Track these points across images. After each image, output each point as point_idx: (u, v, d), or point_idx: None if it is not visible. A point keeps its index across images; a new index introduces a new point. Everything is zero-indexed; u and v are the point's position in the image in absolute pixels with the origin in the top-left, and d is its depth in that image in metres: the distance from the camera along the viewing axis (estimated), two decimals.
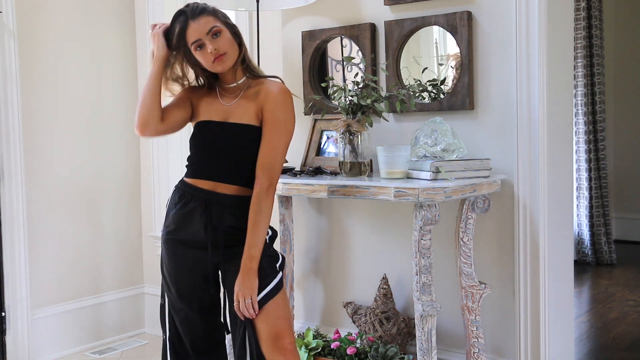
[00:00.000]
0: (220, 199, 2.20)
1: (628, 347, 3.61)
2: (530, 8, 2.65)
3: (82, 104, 3.73)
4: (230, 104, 2.26)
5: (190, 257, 2.25)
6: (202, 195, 2.21)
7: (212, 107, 2.27)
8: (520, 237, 2.72)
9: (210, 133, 2.23)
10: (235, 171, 2.22)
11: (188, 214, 2.22)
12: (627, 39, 6.33)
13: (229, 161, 2.22)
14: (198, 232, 2.22)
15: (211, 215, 2.19)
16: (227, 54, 2.19)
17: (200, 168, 2.24)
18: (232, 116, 2.23)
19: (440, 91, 2.93)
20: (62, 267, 3.66)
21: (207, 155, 2.23)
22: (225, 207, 2.21)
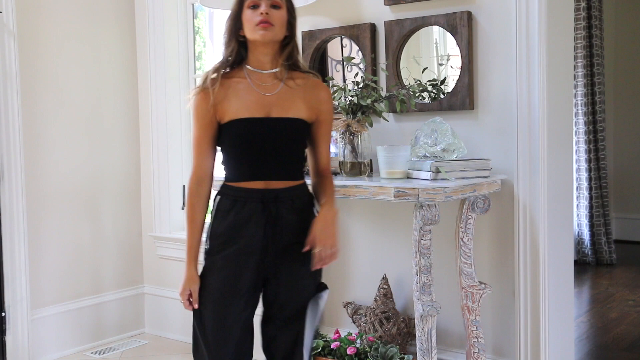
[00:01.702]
0: (277, 195, 2.05)
1: (628, 347, 3.61)
2: (530, 8, 2.65)
3: (82, 104, 3.73)
4: (270, 93, 2.05)
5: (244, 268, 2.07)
6: (257, 195, 2.04)
7: (247, 99, 2.04)
8: (520, 237, 2.72)
9: (255, 132, 2.03)
10: (287, 167, 2.09)
11: (245, 219, 2.04)
12: (627, 39, 6.33)
13: (280, 159, 2.06)
14: (254, 236, 2.04)
15: (270, 212, 2.04)
16: (274, 28, 2.00)
17: (249, 170, 2.05)
18: (274, 109, 2.04)
19: (440, 91, 2.94)
20: (62, 267, 3.66)
21: (255, 156, 2.04)
22: (282, 202, 2.06)
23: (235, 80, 2.06)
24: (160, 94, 3.86)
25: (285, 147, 2.06)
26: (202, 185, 2.08)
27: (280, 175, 2.06)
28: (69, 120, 3.67)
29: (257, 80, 2.05)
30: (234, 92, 2.04)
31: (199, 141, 2.06)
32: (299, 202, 2.10)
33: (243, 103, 2.03)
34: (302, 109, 2.07)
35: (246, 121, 2.02)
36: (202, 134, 2.06)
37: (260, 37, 2.00)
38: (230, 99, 2.03)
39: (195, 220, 2.08)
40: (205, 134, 2.05)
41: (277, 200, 2.04)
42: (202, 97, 2.04)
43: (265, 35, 2.00)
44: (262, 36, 2.00)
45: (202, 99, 2.04)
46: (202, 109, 2.04)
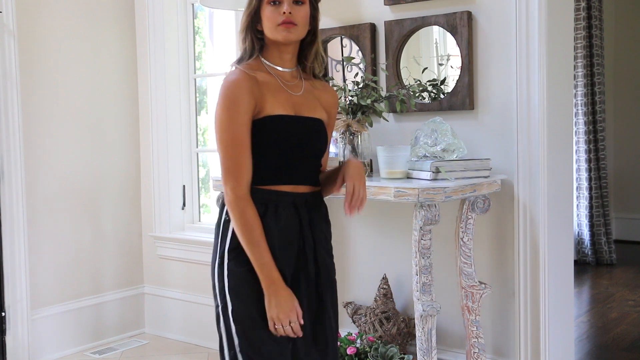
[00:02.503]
0: (306, 199, 1.88)
1: (628, 347, 3.61)
2: (530, 8, 2.65)
3: (82, 104, 3.73)
4: (297, 93, 1.89)
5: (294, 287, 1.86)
6: (288, 198, 1.85)
7: (279, 96, 1.85)
8: (520, 237, 2.72)
9: (292, 130, 1.85)
10: (313, 170, 1.93)
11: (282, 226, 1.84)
12: (627, 39, 6.33)
13: (309, 161, 1.90)
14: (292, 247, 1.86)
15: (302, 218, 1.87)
16: (297, 28, 1.83)
17: (279, 172, 1.85)
18: (304, 108, 1.89)
19: (440, 91, 2.94)
20: (62, 267, 3.66)
21: (289, 157, 1.85)
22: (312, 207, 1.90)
23: (262, 76, 1.86)
24: (160, 94, 3.86)
25: (316, 148, 1.91)
26: (247, 188, 1.81)
27: (307, 178, 1.90)
28: (69, 121, 3.67)
29: (282, 78, 1.89)
30: (267, 88, 1.84)
31: (242, 140, 1.79)
32: (324, 210, 1.97)
33: (277, 100, 1.84)
34: (322, 110, 1.94)
35: (284, 118, 1.83)
36: (246, 131, 1.79)
37: (282, 38, 1.83)
38: (265, 94, 1.82)
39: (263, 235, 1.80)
40: (248, 130, 1.80)
41: (308, 206, 1.88)
42: (248, 85, 1.80)
43: (289, 37, 1.83)
44: (285, 38, 1.83)
45: (247, 89, 1.80)
46: (247, 101, 1.79)
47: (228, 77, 1.83)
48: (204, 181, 4.04)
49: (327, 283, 1.94)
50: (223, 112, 1.79)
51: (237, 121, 1.78)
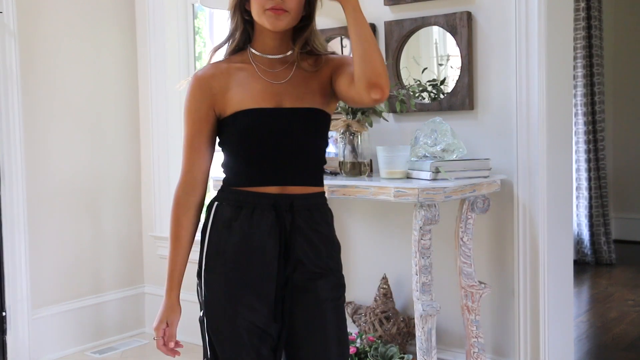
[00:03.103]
0: (292, 201, 1.67)
1: (627, 346, 3.62)
2: (530, 8, 2.66)
3: (83, 104, 3.73)
4: (281, 81, 1.68)
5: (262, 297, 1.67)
6: (268, 200, 1.66)
7: (252, 87, 1.67)
8: (520, 237, 2.73)
9: (266, 125, 1.65)
10: (304, 169, 1.70)
11: (255, 231, 1.66)
12: (626, 39, 6.33)
13: (297, 158, 1.68)
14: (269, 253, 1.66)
15: (284, 223, 1.66)
16: (288, 15, 1.64)
17: (259, 172, 1.67)
18: (287, 98, 1.67)
19: (440, 91, 2.94)
20: (63, 267, 3.66)
21: (267, 155, 1.66)
22: (299, 212, 1.68)
23: (237, 66, 1.70)
24: (161, 94, 3.86)
25: (303, 143, 1.68)
26: (192, 194, 1.71)
27: (297, 178, 1.68)
28: (69, 120, 3.67)
29: (263, 65, 1.69)
30: (236, 80, 1.68)
31: (191, 139, 1.70)
32: (319, 216, 1.72)
33: (248, 92, 1.66)
34: (318, 96, 1.70)
35: (254, 112, 1.65)
36: (196, 131, 1.69)
37: (270, 25, 1.64)
38: (232, 87, 1.67)
39: (180, 237, 1.73)
40: (199, 130, 1.69)
41: (293, 209, 1.66)
42: (197, 85, 1.69)
43: (277, 25, 1.64)
44: (272, 25, 1.64)
45: (197, 87, 1.69)
46: (197, 100, 1.68)
47: (196, 71, 1.74)
48: None
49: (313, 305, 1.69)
50: (184, 110, 1.73)
51: (188, 121, 1.70)
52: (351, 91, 1.63)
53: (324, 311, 1.70)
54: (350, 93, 1.64)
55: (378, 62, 1.58)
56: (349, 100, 1.70)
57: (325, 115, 1.72)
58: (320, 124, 1.71)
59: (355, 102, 1.68)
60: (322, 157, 1.76)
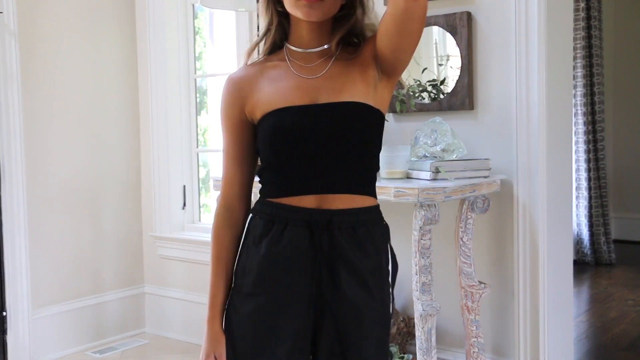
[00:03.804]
0: (331, 217, 1.44)
1: (627, 346, 3.62)
2: (530, 8, 2.66)
3: (83, 104, 3.73)
4: (316, 75, 1.49)
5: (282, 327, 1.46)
6: (301, 216, 1.44)
7: (282, 84, 1.49)
8: (520, 237, 2.73)
9: (296, 125, 1.44)
10: (348, 175, 1.47)
11: (284, 252, 1.45)
12: (626, 39, 6.34)
13: (337, 162, 1.45)
14: (298, 280, 1.45)
15: (320, 243, 1.44)
16: (323, 5, 1.44)
17: (291, 180, 1.46)
18: (323, 93, 1.46)
19: (440, 91, 2.94)
20: (63, 267, 3.66)
21: (300, 160, 1.45)
22: (340, 229, 1.44)
23: (271, 65, 1.53)
24: (161, 94, 3.86)
25: (343, 143, 1.44)
26: (234, 209, 1.53)
27: (338, 186, 1.45)
28: (69, 120, 3.67)
29: (299, 61, 1.51)
30: (267, 79, 1.50)
31: (228, 149, 1.54)
32: (365, 233, 1.47)
33: (278, 90, 1.48)
34: (361, 85, 1.47)
35: (283, 111, 1.45)
36: (232, 139, 1.53)
37: (303, 15, 1.45)
38: (263, 88, 1.49)
39: (222, 257, 1.53)
40: (235, 138, 1.52)
41: (331, 226, 1.44)
42: (228, 89, 1.53)
43: (311, 15, 1.44)
44: (306, 15, 1.44)
45: (228, 92, 1.53)
46: (229, 105, 1.52)
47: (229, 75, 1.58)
48: (204, 181, 4.04)
49: (357, 333, 1.46)
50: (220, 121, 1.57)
51: (224, 128, 1.55)
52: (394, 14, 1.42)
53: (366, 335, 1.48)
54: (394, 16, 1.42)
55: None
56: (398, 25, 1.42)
57: (370, 110, 1.46)
58: (365, 120, 1.46)
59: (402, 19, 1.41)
60: (372, 161, 1.52)
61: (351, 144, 1.45)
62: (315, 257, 1.44)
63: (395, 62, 1.48)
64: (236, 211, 1.54)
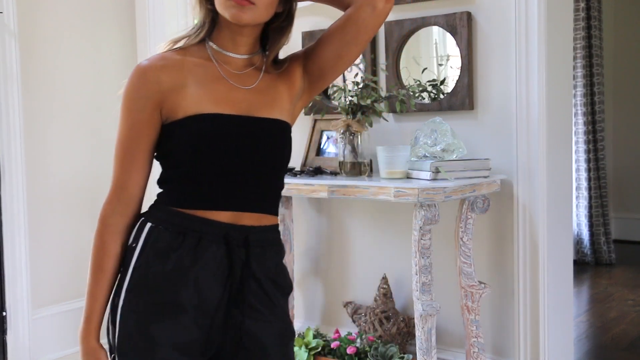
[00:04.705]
0: (247, 235, 1.37)
1: (627, 346, 3.62)
2: (530, 8, 2.66)
3: (83, 104, 3.73)
4: (248, 86, 1.40)
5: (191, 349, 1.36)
6: (218, 231, 1.35)
7: (213, 88, 1.37)
8: (520, 237, 2.73)
9: (230, 134, 1.35)
10: (267, 194, 1.42)
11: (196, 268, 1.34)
12: (626, 39, 6.34)
13: (261, 180, 1.39)
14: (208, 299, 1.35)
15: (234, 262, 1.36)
16: (254, 8, 1.33)
17: (211, 192, 1.35)
18: (255, 106, 1.38)
19: (440, 91, 2.94)
20: (63, 267, 3.66)
21: (226, 172, 1.35)
22: (253, 248, 1.37)
23: (194, 61, 1.39)
24: None
25: (270, 160, 1.40)
26: (125, 214, 1.40)
27: (257, 205, 1.39)
28: (69, 120, 3.67)
29: (226, 64, 1.40)
30: (193, 77, 1.36)
31: (128, 145, 1.39)
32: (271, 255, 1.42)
33: (209, 93, 1.36)
34: (286, 103, 1.44)
35: (215, 118, 1.34)
36: (135, 135, 1.37)
37: (231, 17, 1.34)
38: (188, 85, 1.35)
39: (105, 268, 1.39)
40: (139, 134, 1.37)
41: (248, 245, 1.36)
42: (142, 78, 1.36)
43: (240, 18, 1.33)
44: (234, 17, 1.33)
45: (142, 81, 1.35)
46: (140, 97, 1.35)
47: (140, 61, 1.40)
48: None
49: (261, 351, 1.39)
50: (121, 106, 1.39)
51: (127, 122, 1.38)
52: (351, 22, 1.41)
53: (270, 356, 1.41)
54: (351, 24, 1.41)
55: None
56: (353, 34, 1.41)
57: (290, 131, 1.44)
58: (288, 140, 1.43)
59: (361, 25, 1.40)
60: (282, 180, 1.46)
61: (273, 163, 1.41)
62: (229, 273, 1.35)
63: (329, 73, 1.47)
64: (127, 216, 1.40)
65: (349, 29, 1.41)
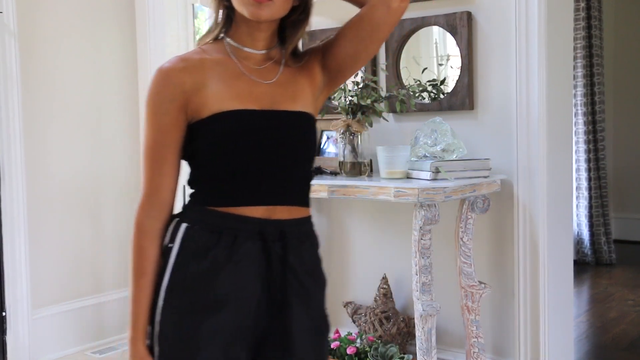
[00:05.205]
0: (282, 229, 1.38)
1: (627, 346, 3.62)
2: (530, 8, 2.66)
3: (83, 104, 3.73)
4: (269, 80, 1.40)
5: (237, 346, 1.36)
6: (253, 227, 1.35)
7: (234, 85, 1.38)
8: (520, 237, 2.73)
9: (253, 130, 1.35)
10: (298, 186, 1.43)
11: (235, 265, 1.35)
12: (626, 39, 6.34)
13: (291, 173, 1.40)
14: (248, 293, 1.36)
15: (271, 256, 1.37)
16: (272, 5, 1.34)
17: (243, 189, 1.36)
18: (277, 100, 1.39)
19: (440, 91, 2.94)
20: (63, 267, 3.66)
21: (255, 167, 1.36)
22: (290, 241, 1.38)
23: (213, 59, 1.39)
24: None
25: (297, 153, 1.40)
26: (159, 218, 1.40)
27: (289, 198, 1.40)
28: (69, 120, 3.67)
29: (245, 60, 1.41)
30: (213, 76, 1.37)
31: (157, 149, 1.38)
32: (307, 247, 1.44)
33: (230, 90, 1.37)
34: (309, 96, 1.44)
35: (240, 114, 1.35)
36: (163, 138, 1.37)
37: (250, 14, 1.34)
38: (209, 84, 1.36)
39: (147, 272, 1.38)
40: (167, 138, 1.37)
41: (284, 239, 1.38)
42: (165, 81, 1.37)
43: (258, 14, 1.34)
44: (252, 14, 1.34)
45: (165, 84, 1.36)
46: (165, 100, 1.36)
47: (161, 64, 1.40)
48: None
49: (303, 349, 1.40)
50: (145, 111, 1.40)
51: (154, 126, 1.38)
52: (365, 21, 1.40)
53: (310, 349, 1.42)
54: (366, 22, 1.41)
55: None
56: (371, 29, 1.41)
57: (315, 122, 1.45)
58: (314, 132, 1.44)
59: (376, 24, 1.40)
60: (311, 172, 1.47)
61: (300, 154, 1.41)
62: (268, 269, 1.36)
63: (347, 70, 1.49)
64: (162, 220, 1.40)
65: (364, 27, 1.42)
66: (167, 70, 1.37)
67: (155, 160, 1.39)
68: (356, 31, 1.43)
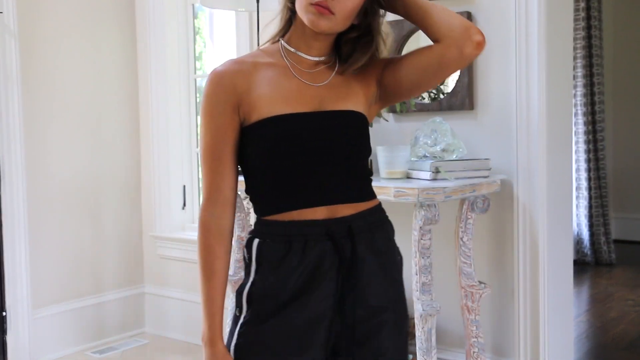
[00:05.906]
0: (349, 225, 1.40)
1: (627, 346, 3.62)
2: (530, 8, 2.66)
3: (83, 104, 3.73)
4: (320, 83, 1.43)
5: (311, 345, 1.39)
6: (320, 229, 1.38)
7: (283, 88, 1.41)
8: (520, 237, 2.73)
9: (306, 132, 1.38)
10: (356, 182, 1.45)
11: (311, 270, 1.37)
12: (626, 39, 6.34)
13: (346, 170, 1.42)
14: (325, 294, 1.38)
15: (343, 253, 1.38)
16: (332, 18, 1.36)
17: (301, 192, 1.39)
18: (327, 101, 1.41)
19: (439, 91, 2.94)
20: (63, 267, 3.66)
21: (310, 169, 1.38)
22: (359, 236, 1.41)
23: (265, 62, 1.44)
24: (161, 94, 3.86)
25: (351, 151, 1.41)
26: (223, 216, 1.43)
27: (348, 194, 1.41)
28: (69, 120, 3.67)
29: (298, 64, 1.44)
30: (264, 79, 1.41)
31: (215, 149, 1.41)
32: (381, 236, 1.46)
33: (281, 93, 1.40)
34: (362, 98, 1.46)
35: (290, 118, 1.37)
36: (220, 138, 1.40)
37: (309, 22, 1.38)
38: (259, 87, 1.39)
39: (217, 271, 1.42)
40: (224, 138, 1.40)
41: (352, 234, 1.39)
42: (219, 82, 1.41)
43: (317, 24, 1.37)
44: (311, 22, 1.37)
45: (220, 86, 1.40)
46: (220, 101, 1.39)
47: (215, 67, 1.44)
48: None
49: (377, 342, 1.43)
50: (201, 113, 1.43)
51: (211, 127, 1.41)
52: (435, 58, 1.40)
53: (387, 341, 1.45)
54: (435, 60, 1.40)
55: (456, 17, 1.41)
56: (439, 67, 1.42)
57: (366, 121, 1.45)
58: (366, 129, 1.45)
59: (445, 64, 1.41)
60: (368, 166, 1.51)
61: (352, 152, 1.42)
62: (340, 265, 1.38)
63: (403, 95, 1.52)
64: (226, 218, 1.43)
65: (432, 63, 1.43)
66: (220, 73, 1.41)
67: (214, 160, 1.41)
68: (424, 64, 1.44)
